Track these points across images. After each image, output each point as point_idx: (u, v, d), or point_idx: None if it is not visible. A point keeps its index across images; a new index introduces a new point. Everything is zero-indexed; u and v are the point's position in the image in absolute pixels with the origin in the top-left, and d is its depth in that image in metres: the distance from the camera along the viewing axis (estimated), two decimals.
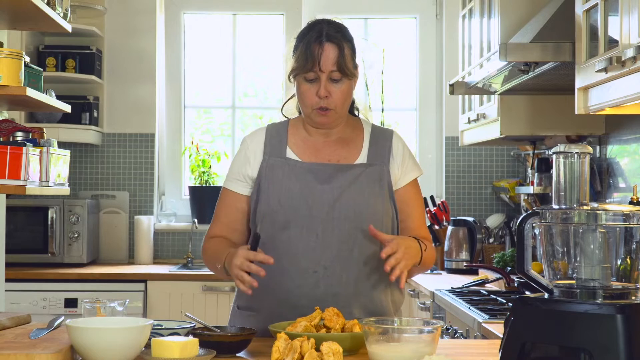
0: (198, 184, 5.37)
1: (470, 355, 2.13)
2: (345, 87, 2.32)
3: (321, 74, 2.29)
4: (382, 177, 2.37)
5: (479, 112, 4.13)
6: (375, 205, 2.33)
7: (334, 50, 2.29)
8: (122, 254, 5.30)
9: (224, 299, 4.73)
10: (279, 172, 2.35)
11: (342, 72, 2.30)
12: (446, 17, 5.39)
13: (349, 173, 2.35)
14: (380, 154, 2.40)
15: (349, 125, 2.44)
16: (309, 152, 2.39)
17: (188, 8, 5.55)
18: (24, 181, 2.66)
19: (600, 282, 1.75)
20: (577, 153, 1.82)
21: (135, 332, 1.89)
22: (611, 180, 3.74)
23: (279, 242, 2.30)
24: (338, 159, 2.38)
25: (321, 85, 2.30)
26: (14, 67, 2.73)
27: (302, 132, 2.43)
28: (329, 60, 2.29)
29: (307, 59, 2.29)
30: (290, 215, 2.31)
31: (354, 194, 2.32)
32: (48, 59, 5.07)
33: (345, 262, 2.30)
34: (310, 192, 2.32)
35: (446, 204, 5.12)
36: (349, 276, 2.30)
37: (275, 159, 2.37)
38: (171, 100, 5.53)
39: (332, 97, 2.31)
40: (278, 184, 2.34)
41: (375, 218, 2.31)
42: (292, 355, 1.86)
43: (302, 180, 2.33)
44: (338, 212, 2.30)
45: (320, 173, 2.34)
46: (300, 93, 2.35)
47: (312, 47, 2.29)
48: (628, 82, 2.39)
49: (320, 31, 2.32)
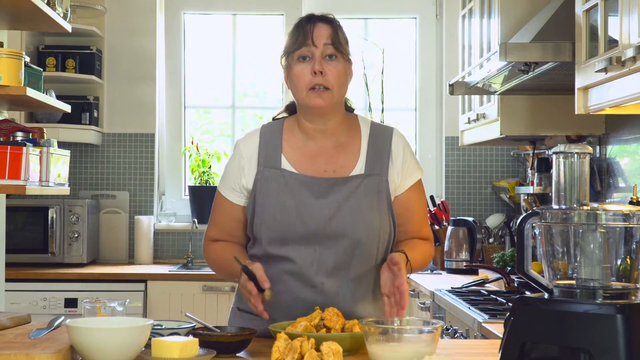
0: (198, 184, 5.37)
1: (470, 355, 2.13)
2: (341, 67, 2.28)
3: (315, 49, 2.26)
4: (380, 188, 2.30)
5: (479, 112, 4.13)
6: (372, 221, 2.27)
7: (326, 27, 2.28)
8: (122, 254, 5.30)
9: (224, 299, 4.74)
10: (274, 185, 2.29)
11: (337, 48, 2.27)
12: (446, 17, 5.39)
13: (346, 187, 2.28)
14: (379, 160, 2.32)
15: (345, 125, 2.36)
16: (305, 161, 2.32)
17: (188, 8, 5.55)
18: (24, 181, 2.67)
19: (600, 282, 1.75)
20: (577, 153, 1.82)
21: (135, 332, 1.89)
22: (611, 180, 3.74)
23: (277, 255, 2.28)
24: (334, 169, 2.31)
25: (315, 61, 2.25)
26: (14, 67, 2.73)
27: (297, 134, 2.35)
28: (322, 36, 2.26)
29: (299, 35, 2.27)
30: (286, 232, 2.26)
31: (351, 209, 2.26)
32: (48, 59, 5.07)
33: (343, 277, 2.27)
34: (306, 209, 2.26)
35: (446, 204, 5.12)
36: (346, 291, 2.27)
37: (269, 170, 2.31)
38: (171, 100, 5.53)
39: (328, 75, 2.25)
40: (273, 198, 2.28)
41: (372, 233, 2.27)
42: (292, 355, 1.86)
43: (298, 195, 2.27)
44: (335, 228, 2.25)
45: (315, 187, 2.28)
46: (294, 75, 2.29)
47: (305, 25, 2.28)
48: (628, 82, 2.39)
49: (312, 14, 2.32)
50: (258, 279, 2.16)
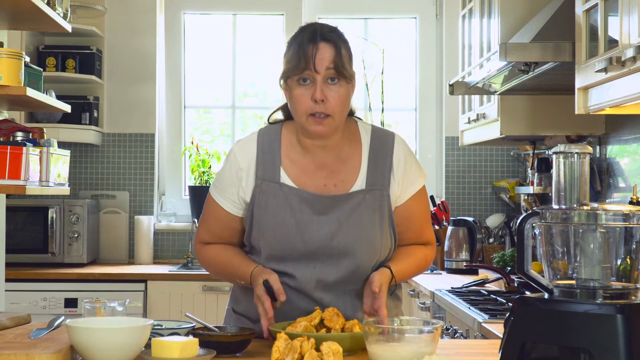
0: (198, 184, 5.37)
1: (470, 355, 2.12)
2: (343, 92, 2.16)
3: (316, 75, 2.13)
4: (382, 203, 2.24)
5: (479, 112, 4.13)
6: (374, 238, 2.23)
7: (329, 49, 2.14)
8: (122, 254, 5.30)
9: (224, 299, 4.73)
10: (273, 200, 2.22)
11: (339, 72, 2.14)
12: (446, 17, 5.39)
13: (347, 203, 2.21)
14: (380, 173, 2.25)
15: (346, 137, 2.27)
16: (304, 175, 2.24)
17: (188, 8, 5.55)
18: (24, 181, 2.67)
19: (600, 282, 1.75)
20: (577, 153, 1.82)
21: (135, 332, 1.88)
22: (611, 180, 3.74)
23: (276, 269, 2.23)
24: (335, 183, 2.24)
25: (317, 88, 2.13)
26: (14, 67, 2.73)
27: (296, 146, 2.26)
28: (325, 60, 2.13)
29: (300, 59, 2.13)
30: (286, 250, 2.21)
31: (352, 227, 2.20)
32: (48, 59, 5.07)
33: (344, 294, 2.25)
34: (306, 226, 2.20)
35: (446, 204, 5.12)
36: (346, 307, 2.24)
37: (268, 183, 2.23)
38: (171, 100, 5.53)
39: (329, 102, 2.14)
40: (272, 213, 2.21)
41: (373, 250, 2.24)
42: (292, 355, 1.86)
43: (298, 212, 2.20)
44: (337, 247, 2.20)
45: (316, 204, 2.21)
46: (293, 98, 2.17)
47: (306, 46, 2.14)
48: (628, 82, 2.39)
49: (314, 31, 2.17)
50: (275, 292, 2.15)
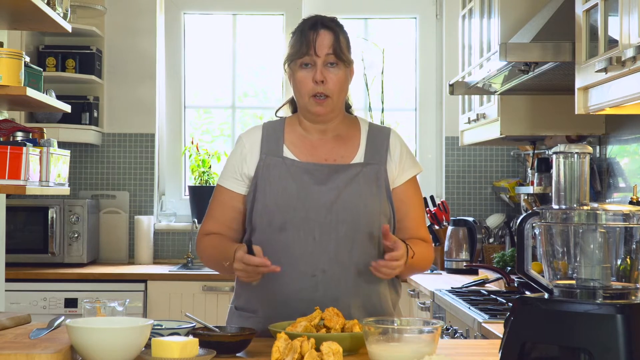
0: (198, 184, 5.37)
1: (470, 355, 2.13)
2: (342, 75, 2.35)
3: (317, 58, 2.32)
4: (379, 176, 2.36)
5: (479, 112, 4.13)
6: (372, 206, 2.32)
7: (329, 35, 2.34)
8: (122, 254, 5.30)
9: (224, 299, 4.73)
10: (276, 171, 2.35)
11: (338, 57, 2.33)
12: (446, 17, 5.39)
13: (346, 174, 2.34)
14: (378, 152, 2.40)
15: (345, 122, 2.44)
16: (306, 150, 2.39)
17: (188, 8, 5.55)
18: (24, 181, 2.66)
19: (600, 282, 1.75)
20: (577, 153, 1.82)
21: (135, 332, 1.89)
22: (611, 180, 3.74)
23: (276, 244, 2.29)
24: (335, 158, 2.38)
25: (317, 70, 2.32)
26: (14, 67, 2.73)
27: (298, 129, 2.43)
28: (324, 45, 2.32)
29: (302, 44, 2.33)
30: (287, 217, 2.30)
31: (351, 196, 2.32)
32: (48, 59, 5.07)
33: (344, 265, 2.29)
34: (306, 194, 2.31)
35: (446, 204, 5.12)
36: (347, 279, 2.29)
37: (272, 157, 2.37)
38: (171, 100, 5.53)
39: (328, 83, 2.33)
40: (275, 183, 2.34)
41: (372, 219, 2.31)
42: (292, 355, 1.86)
43: (299, 180, 2.33)
44: (335, 215, 2.30)
45: (317, 173, 2.34)
46: (296, 81, 2.36)
47: (308, 33, 2.34)
48: (628, 82, 2.39)
49: (315, 20, 2.37)
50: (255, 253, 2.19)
